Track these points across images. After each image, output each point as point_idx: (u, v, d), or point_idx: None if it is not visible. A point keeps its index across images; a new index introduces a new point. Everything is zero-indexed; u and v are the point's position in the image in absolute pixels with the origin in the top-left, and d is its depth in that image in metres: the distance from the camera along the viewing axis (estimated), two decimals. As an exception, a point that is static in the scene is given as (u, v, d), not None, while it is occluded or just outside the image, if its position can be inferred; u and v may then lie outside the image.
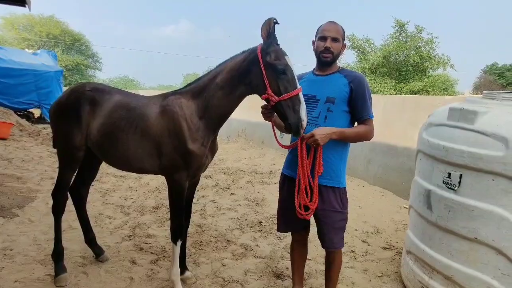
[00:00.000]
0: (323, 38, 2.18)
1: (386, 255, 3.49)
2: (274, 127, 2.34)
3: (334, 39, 2.16)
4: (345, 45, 2.27)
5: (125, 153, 2.50)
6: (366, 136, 2.20)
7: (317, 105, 2.20)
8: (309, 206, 2.13)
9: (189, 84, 2.52)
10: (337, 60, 2.28)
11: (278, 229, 2.49)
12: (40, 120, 12.67)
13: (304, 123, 2.02)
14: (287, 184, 2.37)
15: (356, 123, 2.26)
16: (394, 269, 3.20)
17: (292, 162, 2.33)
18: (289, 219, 2.38)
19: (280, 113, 2.10)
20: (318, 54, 2.21)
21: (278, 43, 2.15)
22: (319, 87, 2.23)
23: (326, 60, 2.19)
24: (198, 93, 2.40)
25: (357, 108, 2.17)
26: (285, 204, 2.39)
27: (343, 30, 2.23)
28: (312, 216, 2.28)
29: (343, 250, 3.49)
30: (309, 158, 2.12)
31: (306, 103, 2.20)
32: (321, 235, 2.30)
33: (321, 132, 2.03)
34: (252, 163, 7.60)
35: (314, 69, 2.37)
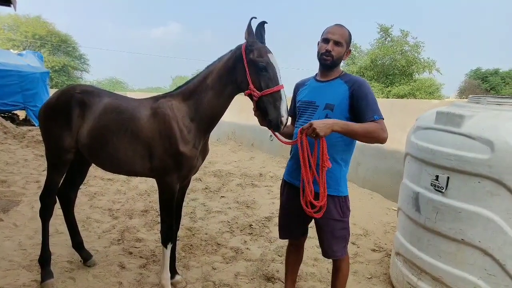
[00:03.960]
0: (326, 40, 2.12)
1: (375, 257, 3.52)
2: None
3: (337, 43, 2.11)
4: (350, 50, 2.21)
5: (115, 155, 2.48)
6: (376, 134, 1.96)
7: (315, 112, 2.16)
8: (315, 204, 2.00)
9: (180, 87, 2.52)
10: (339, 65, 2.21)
11: (280, 237, 2.45)
12: (25, 122, 12.40)
13: (284, 119, 2.02)
14: (287, 190, 2.32)
15: None
16: (383, 270, 3.24)
17: (292, 168, 2.27)
18: (289, 225, 2.35)
19: (262, 110, 2.11)
20: (319, 56, 2.17)
21: (264, 41, 2.18)
22: (319, 94, 2.19)
23: (325, 63, 2.14)
24: (189, 95, 2.41)
25: (361, 111, 2.03)
26: (284, 210, 2.35)
27: (350, 35, 2.16)
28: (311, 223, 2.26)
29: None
30: (313, 154, 1.98)
31: (305, 110, 2.20)
32: (321, 244, 2.25)
33: (321, 122, 1.89)
34: (242, 166, 7.59)
35: (316, 74, 2.32)
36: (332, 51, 2.10)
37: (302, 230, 2.38)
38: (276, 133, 2.22)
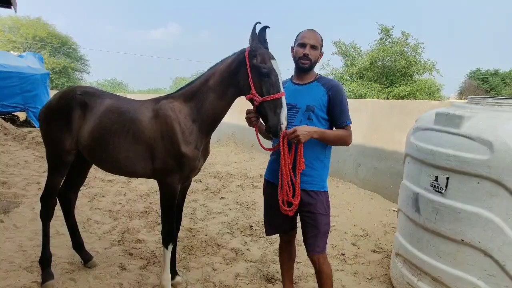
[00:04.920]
0: (302, 45, 2.21)
1: (376, 257, 3.53)
2: (258, 133, 2.37)
3: (313, 47, 2.21)
4: (322, 53, 2.31)
5: (116, 157, 2.48)
6: (345, 140, 2.23)
7: (297, 114, 2.24)
8: (292, 202, 2.15)
9: (181, 88, 2.53)
10: (315, 67, 2.32)
11: (267, 233, 2.50)
12: (26, 123, 12.42)
13: (283, 127, 2.06)
14: (270, 188, 2.38)
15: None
16: (384, 271, 3.24)
17: (272, 167, 2.36)
18: (274, 221, 2.41)
19: (262, 115, 2.14)
20: (297, 60, 2.25)
21: (267, 46, 2.20)
22: (298, 96, 2.27)
23: (304, 66, 2.23)
24: (191, 96, 2.42)
25: (335, 115, 2.21)
26: (268, 208, 2.42)
27: (322, 38, 2.28)
28: (298, 220, 2.30)
29: (333, 253, 3.53)
30: (290, 155, 2.14)
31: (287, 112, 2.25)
32: (307, 240, 2.29)
33: (303, 129, 2.06)
34: (242, 167, 7.60)
35: (292, 77, 2.40)
36: (310, 54, 2.20)
37: (290, 225, 2.42)
38: (260, 140, 2.32)
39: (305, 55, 2.19)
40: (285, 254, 2.55)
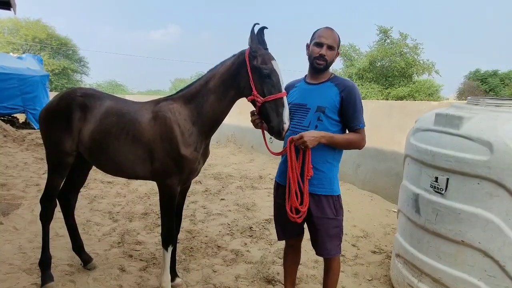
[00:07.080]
0: (319, 44, 2.14)
1: (376, 258, 3.52)
2: (265, 133, 2.33)
3: (330, 47, 2.14)
4: (339, 53, 2.25)
5: (116, 158, 2.48)
6: (357, 145, 2.16)
7: (307, 114, 2.19)
8: (300, 209, 2.11)
9: (181, 90, 2.53)
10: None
11: (278, 238, 2.47)
12: (25, 125, 12.40)
13: (286, 126, 2.04)
14: (280, 191, 2.33)
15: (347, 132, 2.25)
16: (384, 272, 3.24)
17: (284, 169, 2.30)
18: (285, 226, 2.36)
19: (264, 116, 2.13)
20: (312, 59, 2.19)
21: (266, 46, 2.19)
22: (310, 96, 2.22)
23: (319, 67, 2.17)
24: (191, 98, 2.41)
25: (348, 117, 2.15)
26: (279, 211, 2.36)
27: (339, 38, 2.21)
28: (305, 223, 2.29)
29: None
30: (298, 161, 2.10)
31: (296, 112, 2.23)
32: (315, 243, 2.28)
33: (310, 135, 2.02)
34: (242, 168, 7.59)
35: (306, 76, 2.35)
36: (326, 55, 2.14)
37: (298, 231, 2.39)
38: (267, 144, 2.29)
39: (321, 55, 2.13)
40: (290, 258, 2.52)
